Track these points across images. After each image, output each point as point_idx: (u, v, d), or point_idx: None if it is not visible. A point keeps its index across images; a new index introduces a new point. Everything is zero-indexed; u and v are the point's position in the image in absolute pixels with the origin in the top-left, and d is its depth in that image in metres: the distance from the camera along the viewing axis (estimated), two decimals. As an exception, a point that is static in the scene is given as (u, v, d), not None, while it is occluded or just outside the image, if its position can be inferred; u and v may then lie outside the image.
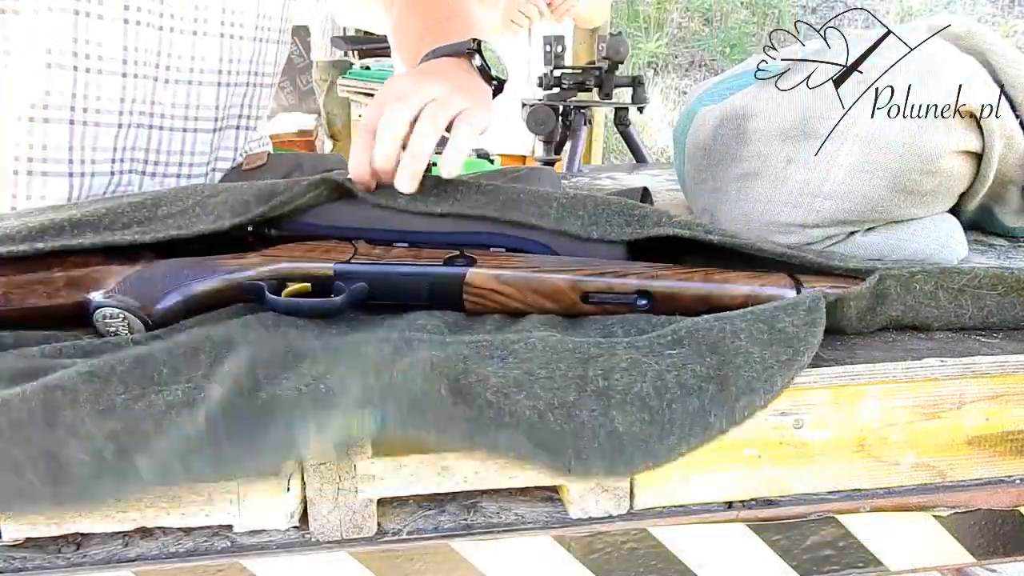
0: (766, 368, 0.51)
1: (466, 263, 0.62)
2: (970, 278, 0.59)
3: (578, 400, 0.48)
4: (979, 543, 0.58)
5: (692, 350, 0.52)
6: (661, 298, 0.60)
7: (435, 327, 0.57)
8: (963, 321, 0.60)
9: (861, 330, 0.59)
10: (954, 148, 0.69)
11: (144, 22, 0.81)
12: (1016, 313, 0.60)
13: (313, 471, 0.49)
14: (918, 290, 0.59)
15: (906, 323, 0.60)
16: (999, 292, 0.60)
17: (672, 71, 5.35)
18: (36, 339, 0.55)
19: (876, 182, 0.70)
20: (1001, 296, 0.60)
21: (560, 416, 0.48)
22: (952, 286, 0.59)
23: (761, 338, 0.52)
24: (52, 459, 0.43)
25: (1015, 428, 0.57)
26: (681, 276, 0.60)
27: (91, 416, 0.44)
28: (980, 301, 0.60)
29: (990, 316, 0.60)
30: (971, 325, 0.60)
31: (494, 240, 0.65)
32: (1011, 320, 0.60)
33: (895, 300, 0.59)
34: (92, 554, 0.48)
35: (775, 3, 5.45)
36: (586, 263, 0.62)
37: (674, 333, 0.53)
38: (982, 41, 0.73)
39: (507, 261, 0.62)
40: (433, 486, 0.51)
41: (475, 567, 0.52)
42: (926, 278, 0.59)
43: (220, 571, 0.49)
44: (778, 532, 0.55)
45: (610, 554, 0.53)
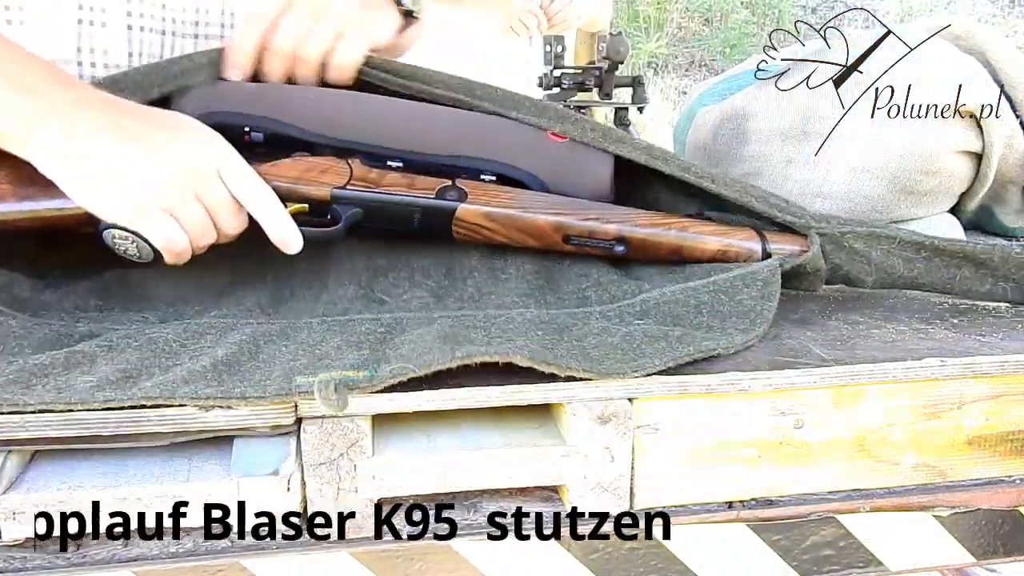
0: (725, 334, 0.55)
1: (457, 196, 0.64)
2: (894, 240, 0.63)
3: (559, 341, 0.53)
4: (979, 543, 0.58)
5: (657, 320, 0.57)
6: (637, 245, 0.65)
7: (421, 301, 0.62)
8: (894, 279, 0.64)
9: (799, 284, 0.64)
10: (954, 148, 0.69)
11: (147, 27, 0.81)
12: (942, 275, 0.64)
13: (313, 471, 0.49)
14: (848, 247, 0.64)
15: (839, 277, 0.65)
16: (923, 256, 0.64)
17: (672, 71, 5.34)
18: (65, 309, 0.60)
19: (876, 182, 0.70)
20: (926, 260, 0.64)
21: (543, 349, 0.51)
22: (881, 247, 0.64)
23: (721, 310, 0.57)
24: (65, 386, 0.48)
25: (1015, 428, 0.57)
26: (659, 225, 0.65)
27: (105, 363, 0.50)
28: (910, 263, 0.64)
29: (919, 277, 0.64)
30: (901, 284, 0.65)
31: (486, 167, 0.67)
32: (939, 282, 0.64)
33: (830, 255, 0.64)
34: (92, 554, 0.48)
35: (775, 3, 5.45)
36: (571, 205, 0.65)
37: (643, 304, 0.59)
38: (982, 41, 0.73)
39: (496, 198, 0.64)
40: (433, 486, 0.51)
41: (475, 567, 0.52)
42: (854, 238, 0.64)
43: (220, 571, 0.49)
44: (778, 532, 0.55)
45: (610, 554, 0.53)
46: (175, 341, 0.53)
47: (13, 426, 0.46)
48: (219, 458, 0.49)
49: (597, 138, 0.67)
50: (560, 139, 0.68)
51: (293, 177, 0.63)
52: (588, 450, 0.51)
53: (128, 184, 0.55)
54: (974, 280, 0.64)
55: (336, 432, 0.49)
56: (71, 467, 0.49)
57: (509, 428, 0.53)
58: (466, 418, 0.54)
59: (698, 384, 0.52)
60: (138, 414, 0.47)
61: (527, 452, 0.51)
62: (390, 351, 0.52)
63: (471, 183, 0.65)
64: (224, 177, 0.57)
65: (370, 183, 0.64)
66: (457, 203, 0.64)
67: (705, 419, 0.52)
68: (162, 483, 0.47)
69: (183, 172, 0.56)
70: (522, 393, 0.50)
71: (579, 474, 0.51)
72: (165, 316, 0.60)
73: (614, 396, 0.51)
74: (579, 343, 0.53)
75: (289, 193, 0.62)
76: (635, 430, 0.52)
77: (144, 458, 0.49)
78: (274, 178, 0.61)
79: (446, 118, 0.67)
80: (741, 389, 0.52)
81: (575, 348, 0.52)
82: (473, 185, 0.65)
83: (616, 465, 0.52)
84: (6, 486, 0.47)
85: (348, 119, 0.66)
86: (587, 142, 0.67)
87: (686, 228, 0.65)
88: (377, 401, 0.49)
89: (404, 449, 0.51)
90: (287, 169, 0.63)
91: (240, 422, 0.48)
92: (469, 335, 0.53)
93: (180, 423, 0.47)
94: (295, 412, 0.48)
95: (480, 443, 0.52)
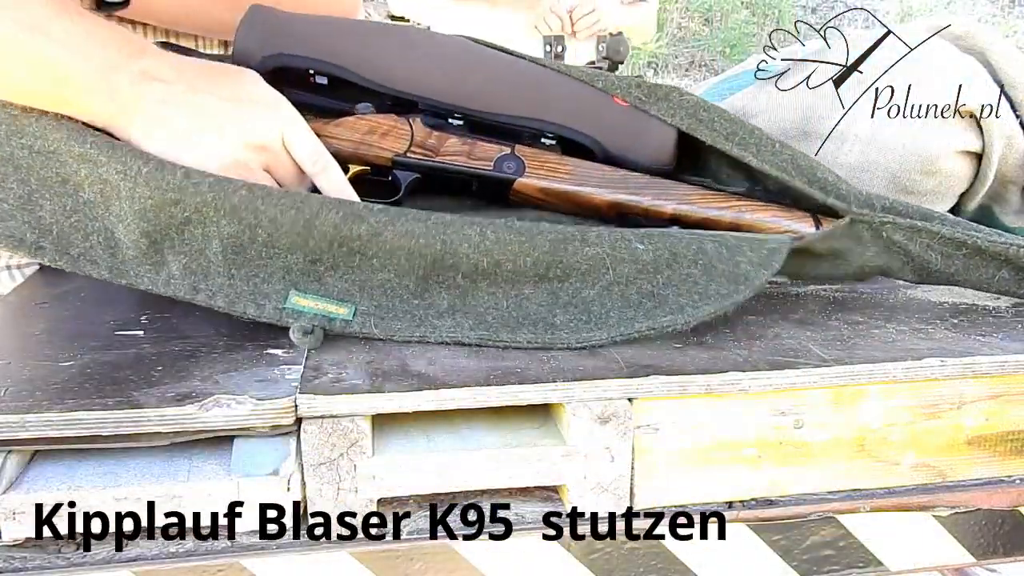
0: (703, 297, 0.56)
1: (515, 168, 0.65)
2: (935, 236, 0.62)
3: (532, 294, 0.56)
4: (979, 543, 0.58)
5: (653, 257, 0.57)
6: (693, 226, 0.64)
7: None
8: (930, 273, 0.63)
9: (834, 270, 0.64)
10: (954, 148, 0.69)
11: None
12: (981, 275, 0.63)
13: (313, 471, 0.49)
14: (887, 238, 0.62)
15: (876, 267, 0.63)
16: (963, 254, 0.62)
17: (672, 71, 5.34)
18: None
19: (876, 182, 0.70)
20: (966, 258, 0.62)
21: (512, 305, 0.56)
22: (921, 240, 0.62)
23: (716, 267, 0.57)
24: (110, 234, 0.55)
25: (1015, 428, 0.57)
26: (715, 206, 0.64)
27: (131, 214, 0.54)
28: (948, 259, 0.62)
29: (956, 274, 0.63)
30: (935, 279, 0.63)
31: (548, 128, 0.67)
32: (976, 281, 0.63)
33: (867, 244, 0.62)
34: (92, 554, 0.48)
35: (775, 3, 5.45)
36: (626, 181, 0.65)
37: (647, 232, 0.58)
38: (982, 41, 0.73)
39: (554, 172, 0.65)
40: (433, 486, 0.51)
41: (475, 567, 0.52)
42: (894, 228, 0.62)
43: (220, 571, 0.49)
44: (778, 532, 0.55)
45: (610, 554, 0.53)
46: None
47: (13, 426, 0.46)
48: (219, 458, 0.49)
49: (641, 95, 0.67)
50: (624, 104, 0.67)
51: (356, 140, 0.64)
52: (588, 450, 0.51)
53: (199, 163, 0.56)
54: (1012, 283, 0.63)
55: (336, 432, 0.49)
56: (71, 467, 0.49)
57: (509, 428, 0.53)
58: (466, 418, 0.54)
59: (698, 384, 0.52)
60: (138, 414, 0.47)
61: (527, 452, 0.51)
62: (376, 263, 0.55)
63: (529, 151, 0.66)
64: (289, 145, 0.59)
65: (430, 150, 0.65)
66: (515, 176, 0.65)
67: (705, 419, 0.52)
68: (162, 483, 0.47)
69: (252, 148, 0.58)
70: (522, 393, 0.50)
71: (579, 474, 0.51)
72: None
73: (614, 396, 0.51)
74: (552, 298, 0.56)
75: (351, 156, 0.64)
76: (635, 430, 0.52)
77: (144, 458, 0.49)
78: (337, 140, 0.63)
79: (510, 75, 0.67)
80: (741, 389, 0.52)
81: (541, 311, 0.56)
82: (532, 153, 0.66)
83: (616, 465, 0.52)
84: (6, 486, 0.47)
85: (411, 72, 0.66)
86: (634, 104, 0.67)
87: (743, 210, 0.64)
88: (377, 401, 0.49)
89: (404, 449, 0.51)
90: (350, 131, 0.64)
91: (240, 422, 0.48)
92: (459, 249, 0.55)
93: (180, 423, 0.47)
94: (295, 412, 0.48)
95: (480, 443, 0.52)
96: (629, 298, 0.56)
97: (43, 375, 0.50)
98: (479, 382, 0.50)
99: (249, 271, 0.55)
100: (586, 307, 0.56)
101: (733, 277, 0.57)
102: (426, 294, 0.56)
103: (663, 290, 0.56)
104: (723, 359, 0.54)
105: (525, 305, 0.56)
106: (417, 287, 0.56)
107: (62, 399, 0.47)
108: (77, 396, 0.48)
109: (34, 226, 0.55)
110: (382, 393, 0.49)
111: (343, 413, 0.48)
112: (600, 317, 0.56)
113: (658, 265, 0.57)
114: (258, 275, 0.55)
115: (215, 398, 0.48)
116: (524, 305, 0.56)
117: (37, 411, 0.46)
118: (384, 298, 0.56)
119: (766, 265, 0.58)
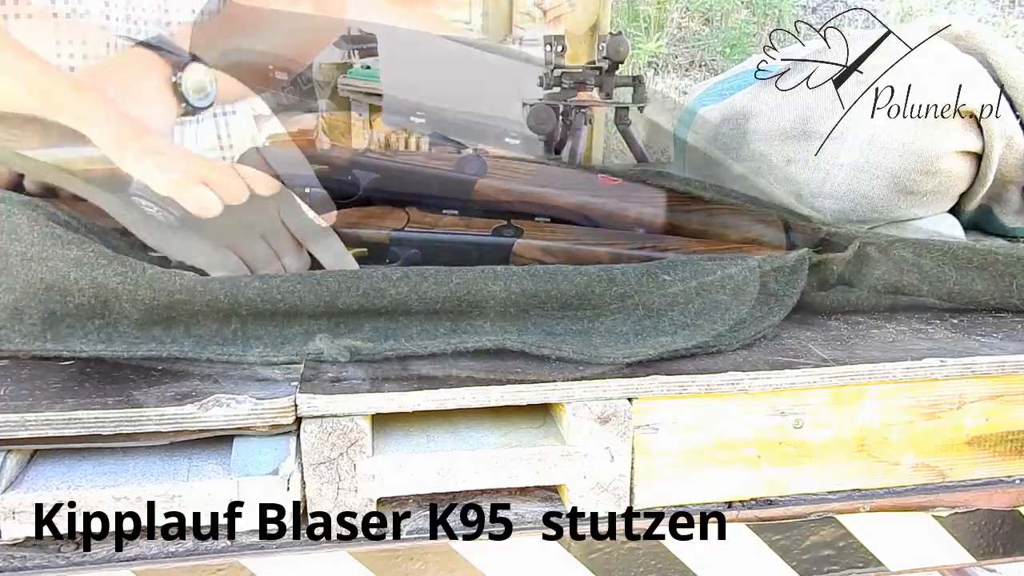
0: (739, 323, 0.56)
1: (513, 233, 0.66)
2: (945, 250, 0.62)
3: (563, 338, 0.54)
4: (979, 543, 0.58)
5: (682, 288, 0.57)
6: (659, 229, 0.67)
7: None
8: (948, 287, 0.62)
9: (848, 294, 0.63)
10: (954, 148, 0.69)
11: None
12: (999, 285, 0.62)
13: (313, 471, 0.49)
14: (897, 255, 0.62)
15: (890, 284, 0.62)
16: (975, 265, 0.62)
17: (672, 71, 5.34)
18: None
19: (876, 182, 0.70)
20: (979, 268, 0.62)
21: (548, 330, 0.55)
22: (932, 255, 0.62)
23: (744, 290, 0.58)
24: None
25: (1015, 428, 0.57)
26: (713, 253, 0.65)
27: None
28: (963, 272, 0.62)
29: (973, 284, 0.63)
30: (956, 293, 0.63)
31: (540, 211, 0.69)
32: (997, 292, 0.63)
33: (877, 262, 0.62)
34: (92, 553, 0.48)
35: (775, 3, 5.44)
36: (627, 236, 0.67)
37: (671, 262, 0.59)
38: (982, 41, 0.73)
39: (552, 234, 0.66)
40: (433, 486, 0.51)
41: (475, 567, 0.52)
42: (903, 245, 0.62)
43: (220, 571, 0.49)
44: (778, 532, 0.55)
45: (610, 554, 0.53)
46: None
47: (13, 426, 0.46)
48: (219, 458, 0.49)
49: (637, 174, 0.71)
50: (612, 181, 0.71)
51: (352, 222, 0.66)
52: (588, 450, 0.51)
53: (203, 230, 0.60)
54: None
55: (336, 432, 0.49)
56: (71, 467, 0.49)
57: (509, 428, 0.53)
58: (466, 418, 0.54)
59: (698, 384, 0.52)
60: (138, 413, 0.47)
61: (527, 452, 0.51)
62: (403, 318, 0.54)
63: (526, 222, 0.68)
64: (284, 217, 0.62)
65: (427, 225, 0.67)
66: (514, 239, 0.66)
67: (705, 419, 0.53)
68: (162, 483, 0.47)
69: (252, 218, 0.61)
70: (522, 393, 0.50)
71: (579, 474, 0.51)
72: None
73: (614, 396, 0.51)
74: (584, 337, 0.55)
75: (348, 237, 0.65)
76: (635, 430, 0.52)
77: (144, 458, 0.49)
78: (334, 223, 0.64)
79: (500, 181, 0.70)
80: (741, 389, 0.52)
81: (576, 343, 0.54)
82: (528, 224, 0.67)
83: (616, 465, 0.52)
84: (6, 486, 0.47)
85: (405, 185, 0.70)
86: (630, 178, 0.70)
87: (712, 214, 0.67)
88: (377, 401, 0.49)
89: (404, 449, 0.51)
90: (346, 215, 0.66)
91: (240, 421, 0.48)
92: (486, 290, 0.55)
93: (180, 423, 0.47)
94: (295, 411, 0.48)
95: (480, 443, 0.52)
96: (663, 330, 0.56)
97: (43, 375, 0.51)
98: (479, 382, 0.50)
99: (268, 339, 0.53)
100: (624, 338, 0.55)
101: (763, 299, 0.58)
102: (457, 331, 0.55)
103: (696, 319, 0.56)
104: (723, 359, 0.54)
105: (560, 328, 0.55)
106: (449, 328, 0.55)
107: (62, 398, 0.47)
108: (77, 395, 0.48)
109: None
110: (382, 393, 0.49)
111: (343, 413, 0.48)
112: (632, 338, 0.55)
113: (688, 295, 0.57)
114: (278, 335, 0.54)
115: (215, 398, 0.48)
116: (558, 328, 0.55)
117: (37, 411, 0.46)
118: (418, 337, 0.55)
119: (792, 283, 0.60)
